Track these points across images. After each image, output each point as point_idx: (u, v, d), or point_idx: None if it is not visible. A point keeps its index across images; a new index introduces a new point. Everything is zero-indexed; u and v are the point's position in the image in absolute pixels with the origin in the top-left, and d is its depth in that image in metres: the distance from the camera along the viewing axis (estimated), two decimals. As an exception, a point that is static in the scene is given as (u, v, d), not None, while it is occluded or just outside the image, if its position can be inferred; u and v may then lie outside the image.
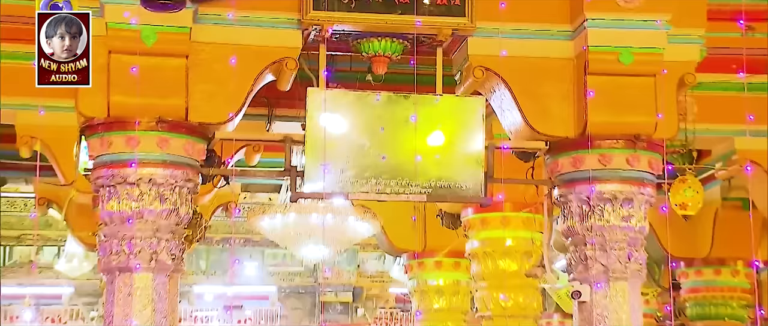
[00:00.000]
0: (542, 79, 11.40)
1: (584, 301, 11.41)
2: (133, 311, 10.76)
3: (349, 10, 10.98)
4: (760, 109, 13.00)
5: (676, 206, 12.42)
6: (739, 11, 12.02)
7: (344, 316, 29.68)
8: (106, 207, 11.01)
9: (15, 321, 27.76)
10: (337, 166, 11.22)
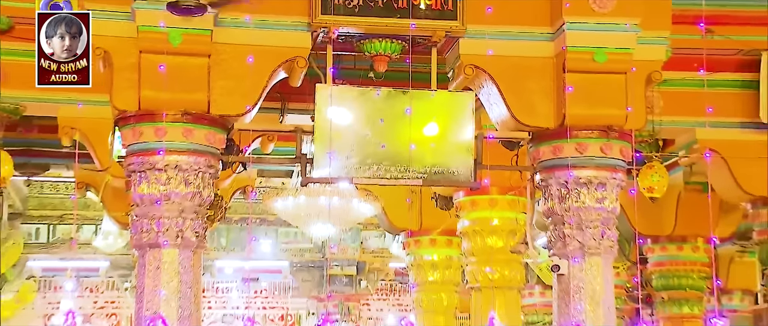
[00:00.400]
0: (525, 76, 11.55)
1: (563, 274, 11.60)
2: (162, 282, 10.94)
3: (353, 15, 11.15)
4: (718, 103, 13.17)
5: (644, 189, 12.60)
6: (700, 16, 12.14)
7: (349, 288, 29.69)
8: (137, 190, 11.14)
9: (58, 291, 27.85)
10: (343, 154, 11.40)
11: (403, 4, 11.18)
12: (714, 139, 13.56)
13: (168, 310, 10.91)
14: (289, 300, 29.98)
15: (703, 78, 12.78)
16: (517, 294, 15.75)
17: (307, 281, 29.92)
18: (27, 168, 16.52)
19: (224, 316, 28.58)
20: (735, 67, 13.49)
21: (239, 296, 28.98)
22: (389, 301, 30.27)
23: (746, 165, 13.66)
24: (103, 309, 28.94)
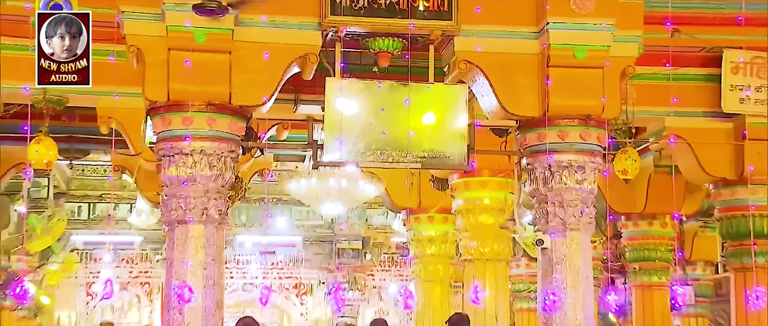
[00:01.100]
0: (513, 70, 11.48)
1: (546, 247, 11.56)
2: (189, 255, 10.91)
3: (359, 15, 11.06)
4: (684, 94, 13.12)
5: (618, 172, 12.50)
6: (668, 16, 12.08)
7: (355, 260, 29.64)
8: (166, 172, 11.09)
9: (98, 262, 27.85)
10: (350, 140, 11.35)
11: (403, 5, 11.10)
12: (680, 127, 13.51)
13: (194, 279, 10.87)
14: (301, 271, 30.03)
15: (670, 72, 12.72)
16: (506, 266, 15.71)
17: (318, 254, 29.91)
18: (70, 153, 16.46)
19: (244, 285, 28.57)
20: (699, 63, 13.41)
21: (257, 267, 28.97)
22: (391, 272, 30.30)
23: (709, 150, 13.64)
24: (138, 278, 28.99)
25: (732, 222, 13.87)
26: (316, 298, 30.07)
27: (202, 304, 10.91)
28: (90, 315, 28.30)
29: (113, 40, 11.55)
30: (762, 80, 13.25)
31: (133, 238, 27.70)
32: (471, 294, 14.87)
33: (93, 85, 12.20)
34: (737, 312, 13.79)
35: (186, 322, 10.85)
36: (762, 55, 13.24)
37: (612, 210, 16.99)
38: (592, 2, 11.26)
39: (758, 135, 13.40)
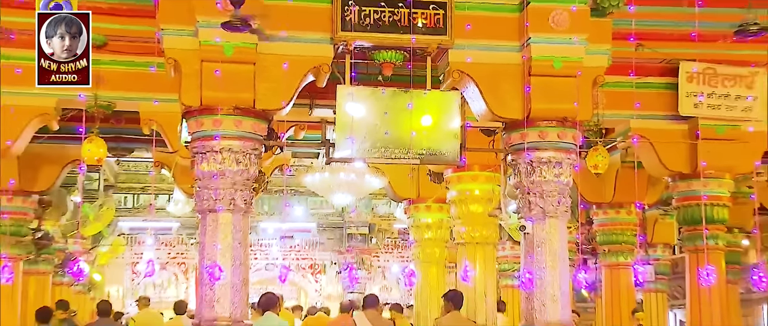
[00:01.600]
0: (500, 79, 11.44)
1: (528, 232, 11.51)
2: (219, 239, 10.90)
3: (366, 31, 11.05)
4: (646, 100, 13.11)
5: (590, 167, 12.47)
6: (632, 33, 12.03)
7: (363, 244, 29.62)
8: (199, 167, 11.06)
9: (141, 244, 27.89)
10: (358, 139, 11.30)
11: (404, 22, 11.07)
12: (643, 128, 13.48)
13: (223, 260, 10.87)
14: (316, 253, 30.04)
15: (634, 81, 12.76)
16: (493, 249, 15.65)
17: (330, 238, 29.92)
18: (117, 150, 16.43)
19: (266, 265, 28.60)
20: (659, 73, 13.38)
21: (278, 250, 29.00)
22: (394, 254, 30.29)
23: (668, 148, 13.62)
24: (175, 259, 29.05)
25: (687, 211, 13.86)
26: (328, 276, 30.08)
27: (230, 281, 10.89)
28: (135, 290, 28.33)
29: (154, 53, 11.49)
30: (713, 88, 13.25)
31: (171, 224, 27.73)
32: (462, 273, 14.88)
33: (136, 92, 12.58)
34: (691, 287, 13.78)
35: (216, 297, 10.83)
36: (713, 67, 13.23)
37: (584, 199, 16.90)
38: (567, 20, 11.22)
39: (709, 135, 13.45)
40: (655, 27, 12.67)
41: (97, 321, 14.46)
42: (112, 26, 12.12)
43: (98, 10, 11.59)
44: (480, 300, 14.79)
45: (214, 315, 10.85)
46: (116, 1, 11.95)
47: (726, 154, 13.52)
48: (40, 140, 13.78)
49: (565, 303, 11.48)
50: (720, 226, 13.76)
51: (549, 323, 11.33)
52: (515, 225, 13.60)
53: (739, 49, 12.64)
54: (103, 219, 23.03)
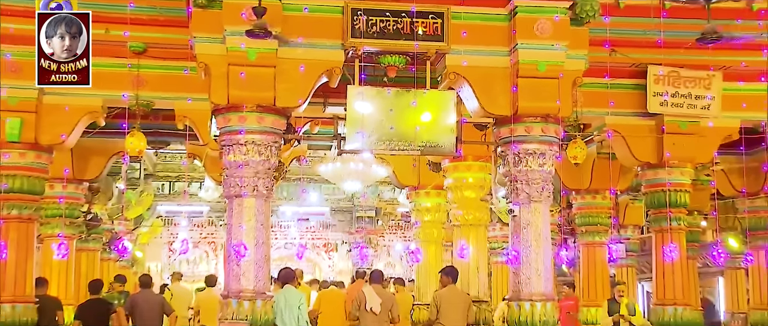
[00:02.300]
0: (491, 80, 11.43)
1: (516, 215, 11.54)
2: (244, 220, 10.91)
3: (373, 38, 11.05)
4: (619, 99, 13.13)
5: (570, 157, 12.41)
6: (606, 40, 12.08)
7: (370, 225, 29.64)
8: (227, 158, 11.07)
9: (176, 226, 27.93)
10: (366, 133, 11.32)
11: (407, 30, 11.07)
12: (616, 124, 13.47)
13: (247, 239, 10.88)
14: (329, 234, 30.05)
15: (608, 82, 12.71)
16: (484, 229, 15.61)
17: (342, 220, 29.93)
18: (155, 143, 16.38)
19: (285, 244, 28.56)
20: (629, 75, 13.28)
21: (295, 230, 29.03)
22: (397, 235, 30.25)
23: (637, 141, 13.55)
24: (206, 238, 29.05)
25: (654, 196, 13.81)
26: (340, 254, 30.04)
27: (254, 258, 10.90)
28: (171, 265, 28.31)
29: (187, 58, 11.50)
30: (676, 88, 13.21)
31: (202, 208, 27.78)
32: (457, 251, 14.84)
33: (172, 92, 12.50)
34: (656, 262, 13.76)
35: (242, 272, 10.86)
36: (676, 70, 13.18)
37: (565, 186, 16.99)
38: (550, 28, 11.23)
39: (673, 129, 13.41)
40: (627, 35, 12.61)
41: (141, 291, 14.47)
42: (151, 35, 12.11)
43: (138, 21, 11.73)
44: (473, 274, 14.77)
45: (240, 287, 10.85)
46: (154, 13, 11.89)
47: (688, 146, 13.49)
48: (90, 135, 13.71)
49: (547, 277, 11.48)
50: (682, 209, 13.72)
51: (533, 294, 11.33)
52: (504, 208, 13.57)
53: (699, 54, 12.55)
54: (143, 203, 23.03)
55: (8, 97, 12.04)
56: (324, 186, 26.29)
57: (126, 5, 11.53)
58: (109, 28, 11.72)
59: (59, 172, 14.65)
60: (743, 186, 16.13)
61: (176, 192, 26.00)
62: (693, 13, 11.65)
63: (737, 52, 13.02)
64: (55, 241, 15.40)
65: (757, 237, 16.47)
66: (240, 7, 10.61)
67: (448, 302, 13.00)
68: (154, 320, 14.07)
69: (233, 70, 10.86)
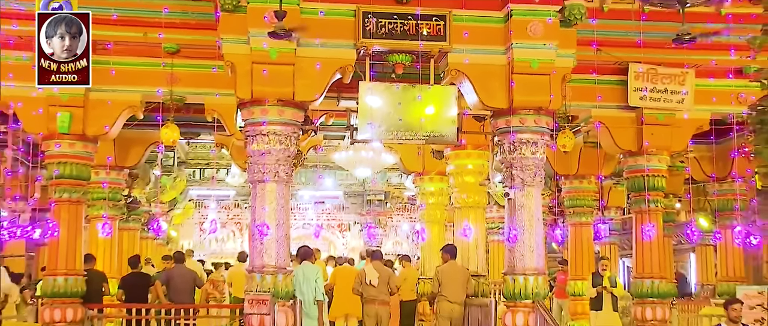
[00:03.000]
0: (489, 76, 11.38)
1: (511, 198, 11.52)
2: (266, 203, 10.90)
3: (382, 38, 11.01)
4: (604, 93, 13.10)
5: (560, 146, 12.35)
6: (593, 40, 12.07)
7: (379, 208, 29.53)
8: (251, 147, 11.06)
9: (206, 208, 27.96)
10: (376, 124, 11.31)
11: (412, 31, 11.03)
12: (601, 115, 13.40)
13: (269, 220, 10.88)
14: (342, 215, 29.99)
15: (595, 78, 12.75)
16: (483, 211, 15.53)
17: (354, 203, 29.88)
18: (187, 134, 16.43)
19: (303, 224, 28.49)
20: (613, 72, 13.20)
21: (312, 212, 29.03)
22: (404, 216, 30.17)
23: (620, 131, 13.50)
24: (232, 219, 29.02)
25: (634, 181, 13.77)
26: (352, 233, 29.97)
27: (275, 237, 10.89)
28: (201, 244, 28.39)
29: (215, 57, 11.47)
30: (654, 84, 13.17)
31: (229, 192, 27.74)
32: (461, 231, 14.79)
33: (202, 88, 12.46)
34: (636, 240, 13.73)
35: (265, 249, 10.86)
36: (654, 68, 13.13)
37: (555, 172, 16.93)
38: (542, 30, 11.19)
39: (652, 121, 13.37)
40: (610, 36, 12.54)
41: (175, 266, 14.51)
42: (183, 37, 12.06)
43: (172, 25, 11.68)
44: (473, 251, 14.72)
45: (263, 263, 10.86)
46: (186, 17, 11.86)
47: (664, 136, 13.44)
48: (130, 126, 13.77)
49: (539, 253, 11.50)
50: (659, 193, 13.69)
51: (527, 269, 11.35)
52: (500, 192, 13.62)
53: (674, 53, 12.51)
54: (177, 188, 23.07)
55: (60, 94, 12.09)
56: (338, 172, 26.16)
57: (161, 10, 11.52)
58: (146, 31, 11.75)
59: (103, 160, 14.79)
60: (713, 172, 16.32)
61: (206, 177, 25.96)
62: (669, 16, 11.63)
63: (708, 51, 12.96)
64: (100, 222, 15.64)
65: (724, 217, 16.56)
66: (263, 11, 10.59)
67: (449, 276, 13.03)
68: (187, 292, 14.11)
69: (256, 68, 10.82)
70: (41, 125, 12.34)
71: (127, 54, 12.34)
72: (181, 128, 13.07)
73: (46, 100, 12.18)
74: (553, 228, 20.09)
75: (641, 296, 13.55)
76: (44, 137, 12.45)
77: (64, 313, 12.22)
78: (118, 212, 16.92)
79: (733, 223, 15.96)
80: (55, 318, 12.18)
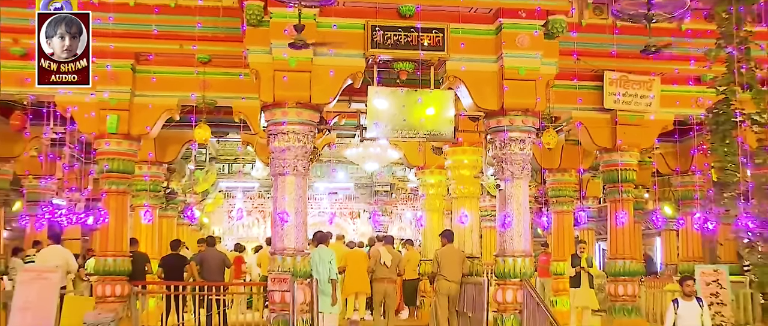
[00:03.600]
0: (482, 82, 11.36)
1: (502, 189, 11.49)
2: (286, 194, 10.91)
3: (388, 48, 10.99)
4: (583, 97, 13.14)
5: (544, 143, 12.33)
6: (573, 50, 12.05)
7: (386, 197, 29.50)
8: (272, 144, 11.06)
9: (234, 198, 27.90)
10: (382, 124, 11.28)
11: (415, 42, 11.00)
12: (580, 116, 13.39)
13: (289, 208, 10.89)
14: (353, 204, 29.94)
15: (575, 84, 12.82)
16: (477, 201, 15.46)
17: (363, 194, 29.87)
18: (217, 133, 16.44)
19: (319, 212, 28.46)
20: (590, 78, 13.19)
21: (327, 202, 29.00)
22: (407, 205, 30.10)
23: (597, 130, 13.49)
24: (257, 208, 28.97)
25: (609, 174, 13.74)
26: (361, 220, 29.93)
27: (294, 223, 10.91)
28: (230, 229, 28.39)
29: (242, 66, 11.50)
30: (626, 89, 13.17)
31: (253, 184, 27.77)
32: (457, 218, 14.82)
33: (230, 93, 12.52)
34: (610, 226, 13.71)
35: (285, 234, 10.87)
36: (626, 75, 13.13)
37: (541, 166, 16.91)
38: (528, 41, 11.18)
39: (624, 121, 13.38)
40: (588, 47, 12.54)
41: (207, 249, 14.53)
42: (214, 48, 12.06)
43: (204, 37, 11.71)
44: (468, 236, 14.72)
45: (284, 246, 10.87)
46: (217, 31, 11.87)
47: (635, 134, 13.44)
48: (168, 127, 13.79)
49: (526, 237, 11.49)
50: (630, 184, 13.66)
51: (515, 251, 11.35)
52: (492, 184, 13.57)
53: (643, 63, 12.53)
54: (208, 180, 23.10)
55: (109, 99, 12.26)
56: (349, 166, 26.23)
57: (194, 26, 11.57)
58: (182, 44, 11.83)
59: (145, 156, 14.97)
60: (676, 166, 16.40)
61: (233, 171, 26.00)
62: (638, 30, 11.56)
63: (671, 61, 13.03)
64: (142, 210, 15.76)
65: (685, 205, 16.58)
66: (283, 25, 10.59)
67: (447, 258, 13.04)
68: (218, 271, 14.15)
69: (278, 75, 10.83)
70: (93, 126, 12.44)
71: (166, 64, 12.43)
72: (212, 128, 13.10)
73: (97, 104, 12.30)
74: (539, 216, 20.06)
75: (614, 275, 13.55)
76: (96, 137, 12.55)
77: (113, 289, 12.37)
78: (158, 201, 17.06)
79: (692, 211, 15.99)
80: (106, 293, 12.33)
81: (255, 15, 10.71)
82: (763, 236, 11.39)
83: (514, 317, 11.19)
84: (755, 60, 11.65)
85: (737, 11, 11.46)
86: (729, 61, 11.53)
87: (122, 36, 11.68)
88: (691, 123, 14.41)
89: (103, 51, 11.70)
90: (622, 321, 13.28)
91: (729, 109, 11.59)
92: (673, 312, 10.44)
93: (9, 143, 14.44)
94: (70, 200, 16.94)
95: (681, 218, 16.76)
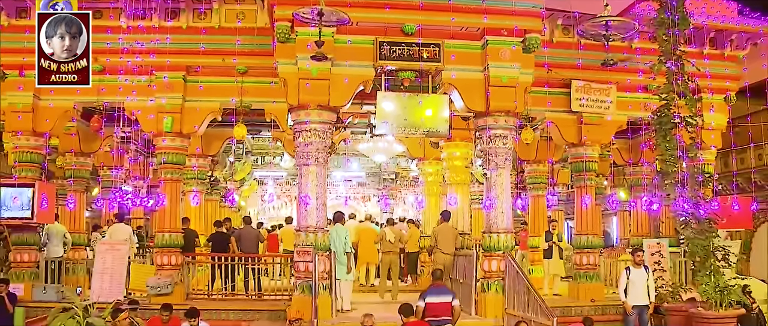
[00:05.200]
0: (472, 88, 11.31)
1: (488, 177, 11.46)
2: (309, 181, 10.94)
3: (393, 60, 10.99)
4: (554, 101, 13.10)
5: (523, 139, 12.44)
6: (545, 63, 12.08)
7: (392, 184, 29.45)
8: (298, 140, 11.05)
9: (266, 185, 27.80)
10: (389, 123, 11.25)
11: (416, 55, 11.00)
12: (552, 117, 13.29)
13: (311, 193, 10.91)
14: (364, 190, 29.86)
15: (547, 90, 12.80)
16: (467, 187, 15.55)
17: (373, 181, 29.73)
18: (252, 131, 16.46)
19: (336, 197, 28.42)
20: (561, 85, 13.12)
21: (343, 188, 28.94)
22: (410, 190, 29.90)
23: (566, 128, 13.38)
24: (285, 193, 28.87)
25: (576, 164, 13.67)
26: (371, 203, 29.88)
27: (315, 205, 10.93)
28: (263, 210, 28.37)
29: (272, 75, 11.53)
30: (589, 95, 13.11)
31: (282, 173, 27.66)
32: (451, 201, 14.83)
33: (263, 97, 12.48)
34: (577, 207, 13.67)
35: (309, 214, 10.90)
36: (589, 83, 13.08)
37: (520, 158, 16.85)
38: (509, 55, 11.16)
39: (588, 121, 13.29)
40: (558, 60, 12.59)
41: (244, 226, 14.60)
42: (250, 61, 12.14)
43: (242, 52, 11.86)
44: (461, 216, 14.76)
45: (307, 224, 10.91)
46: (252, 47, 11.97)
47: (596, 132, 13.36)
48: (212, 126, 13.85)
49: (508, 216, 11.46)
50: (592, 174, 13.59)
51: (499, 228, 11.34)
52: (480, 172, 13.56)
53: (603, 73, 12.49)
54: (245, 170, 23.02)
55: (165, 104, 12.38)
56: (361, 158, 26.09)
57: (234, 43, 11.69)
58: (224, 58, 11.98)
59: (194, 150, 15.07)
60: (629, 158, 16.33)
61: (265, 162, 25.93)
62: (598, 47, 11.59)
63: (625, 73, 13.19)
64: (191, 194, 15.77)
65: (636, 190, 16.51)
66: (307, 41, 10.60)
67: (443, 234, 13.03)
68: (253, 246, 14.22)
69: (302, 82, 10.82)
70: (153, 126, 12.52)
71: (211, 74, 12.46)
72: (248, 127, 13.30)
73: (156, 108, 12.40)
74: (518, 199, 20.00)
75: (579, 248, 13.52)
76: (155, 135, 12.63)
77: (170, 258, 12.48)
78: (204, 187, 17.14)
79: (641, 195, 15.91)
80: (164, 262, 12.45)
81: (284, 33, 10.72)
82: (695, 215, 11.60)
83: (498, 283, 11.20)
84: (688, 74, 12.07)
85: (674, 34, 11.93)
86: (668, 74, 11.98)
87: (176, 53, 12.04)
88: (640, 123, 14.47)
89: (161, 65, 12.02)
90: (585, 286, 13.27)
91: (669, 113, 11.94)
92: (626, 277, 11.13)
93: (89, 141, 14.55)
94: (135, 186, 17.15)
95: (632, 201, 16.71)
